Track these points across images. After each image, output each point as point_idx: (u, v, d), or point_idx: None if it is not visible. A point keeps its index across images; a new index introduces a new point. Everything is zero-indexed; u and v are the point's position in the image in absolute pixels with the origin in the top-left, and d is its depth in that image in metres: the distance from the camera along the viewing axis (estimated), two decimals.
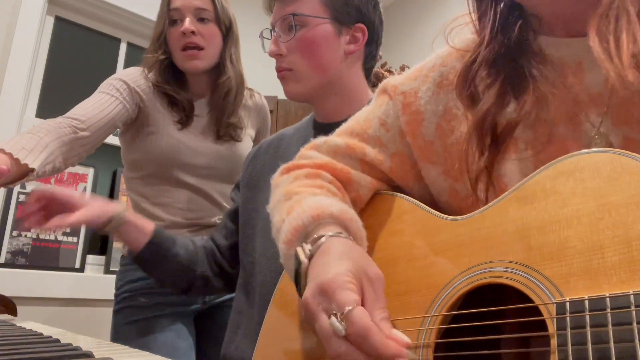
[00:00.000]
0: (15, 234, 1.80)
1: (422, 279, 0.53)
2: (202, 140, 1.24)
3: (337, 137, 0.69)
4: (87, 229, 1.94)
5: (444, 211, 0.56)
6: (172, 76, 1.23)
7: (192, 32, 1.17)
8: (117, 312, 1.20)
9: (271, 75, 1.01)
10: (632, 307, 0.36)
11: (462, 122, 0.59)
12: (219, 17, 1.21)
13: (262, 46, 0.99)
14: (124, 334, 1.15)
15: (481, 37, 0.57)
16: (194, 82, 1.26)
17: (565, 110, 0.51)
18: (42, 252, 1.84)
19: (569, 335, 0.38)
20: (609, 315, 0.37)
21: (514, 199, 0.48)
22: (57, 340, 0.55)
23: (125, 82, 1.19)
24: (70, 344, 0.50)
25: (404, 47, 2.93)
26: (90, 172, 2.03)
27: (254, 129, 1.38)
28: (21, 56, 1.89)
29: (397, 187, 0.66)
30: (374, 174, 0.66)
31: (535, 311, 0.42)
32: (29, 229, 0.88)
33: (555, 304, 0.40)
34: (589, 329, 0.37)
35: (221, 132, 1.25)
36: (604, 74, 0.45)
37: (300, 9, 0.88)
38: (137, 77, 1.22)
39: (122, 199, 2.03)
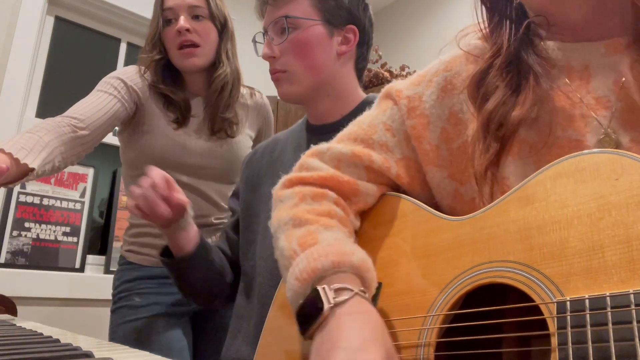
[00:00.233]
0: (15, 234, 1.80)
1: (424, 279, 0.53)
2: (198, 139, 1.24)
3: (341, 143, 0.67)
4: (87, 229, 1.95)
5: (447, 214, 0.56)
6: (168, 76, 1.22)
7: (187, 30, 1.16)
8: (113, 312, 1.20)
9: None
10: (632, 306, 0.36)
11: (468, 126, 0.59)
12: (213, 14, 1.21)
13: (255, 51, 1.00)
14: (119, 334, 1.15)
15: (497, 47, 0.57)
16: (190, 80, 1.26)
17: (571, 112, 0.52)
18: (42, 252, 1.84)
19: (570, 334, 0.38)
20: (609, 314, 0.37)
21: (515, 199, 0.48)
22: (57, 340, 0.55)
23: (122, 80, 1.19)
24: (70, 344, 0.50)
25: (404, 47, 2.93)
26: (90, 172, 2.03)
27: (254, 129, 1.37)
28: (21, 56, 1.89)
29: (402, 191, 0.66)
30: (380, 181, 0.66)
31: (535, 310, 0.42)
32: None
33: (555, 303, 0.40)
34: (589, 327, 0.38)
35: (216, 127, 1.24)
36: (612, 79, 0.46)
37: (292, 11, 0.89)
38: (134, 75, 1.22)
39: (122, 199, 2.03)
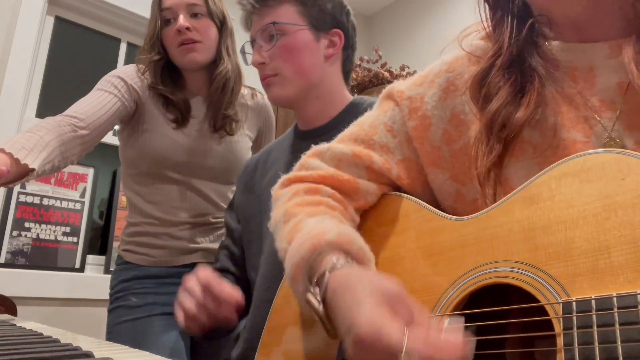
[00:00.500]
0: (15, 234, 1.80)
1: (427, 279, 0.53)
2: (197, 138, 1.23)
3: (341, 144, 0.67)
4: (87, 229, 1.94)
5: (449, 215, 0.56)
6: (167, 76, 1.22)
7: (187, 29, 1.16)
8: (110, 311, 1.20)
9: None
10: (639, 307, 0.36)
11: (470, 127, 0.58)
12: (212, 11, 1.20)
13: (244, 61, 1.03)
14: (115, 334, 1.15)
15: (498, 45, 0.56)
16: (191, 79, 1.25)
17: (575, 113, 0.51)
18: (42, 252, 1.83)
19: (576, 334, 0.38)
20: (616, 314, 0.37)
21: (519, 199, 0.47)
22: (57, 340, 0.55)
23: (123, 79, 1.19)
24: (70, 344, 0.50)
25: (404, 47, 2.93)
26: (90, 172, 2.02)
27: (254, 130, 1.37)
28: (21, 56, 1.89)
29: (403, 192, 0.66)
30: (381, 181, 0.66)
31: (541, 311, 0.42)
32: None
33: (561, 304, 0.40)
34: (595, 328, 0.37)
35: (217, 124, 1.23)
36: (616, 80, 0.45)
37: (279, 18, 0.93)
38: (134, 74, 1.22)
39: (122, 199, 2.03)
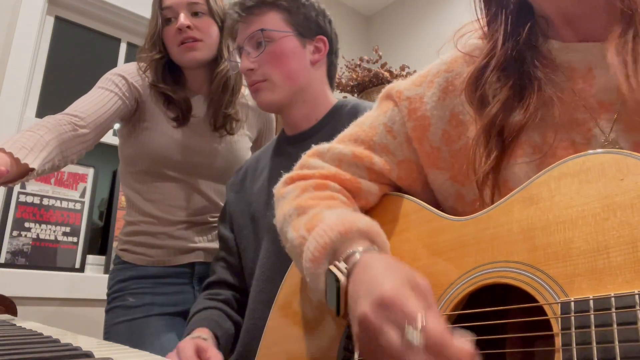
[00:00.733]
0: (15, 234, 1.80)
1: (427, 279, 0.52)
2: (197, 137, 1.23)
3: (342, 144, 0.68)
4: (87, 229, 1.94)
5: (450, 215, 0.56)
6: (168, 75, 1.22)
7: (188, 27, 1.16)
8: (107, 311, 1.20)
9: None
10: (637, 307, 0.36)
11: (469, 128, 0.58)
12: (212, 9, 1.20)
13: (231, 69, 1.07)
14: (113, 334, 1.15)
15: (492, 42, 0.56)
16: (191, 77, 1.25)
17: (574, 115, 0.51)
18: (42, 252, 1.83)
19: (574, 334, 0.38)
20: (614, 314, 0.37)
21: (519, 200, 0.47)
22: (57, 340, 0.55)
23: (123, 77, 1.19)
24: (70, 344, 0.50)
25: (404, 47, 2.93)
26: (90, 172, 2.02)
27: (254, 130, 1.37)
28: (21, 56, 1.88)
29: (404, 192, 0.66)
30: (382, 181, 0.66)
31: (539, 311, 0.42)
32: None
33: (560, 304, 0.40)
34: (593, 328, 0.37)
35: (218, 123, 1.24)
36: (615, 81, 0.45)
37: (266, 25, 0.96)
38: (134, 72, 1.22)
39: (122, 199, 2.03)
